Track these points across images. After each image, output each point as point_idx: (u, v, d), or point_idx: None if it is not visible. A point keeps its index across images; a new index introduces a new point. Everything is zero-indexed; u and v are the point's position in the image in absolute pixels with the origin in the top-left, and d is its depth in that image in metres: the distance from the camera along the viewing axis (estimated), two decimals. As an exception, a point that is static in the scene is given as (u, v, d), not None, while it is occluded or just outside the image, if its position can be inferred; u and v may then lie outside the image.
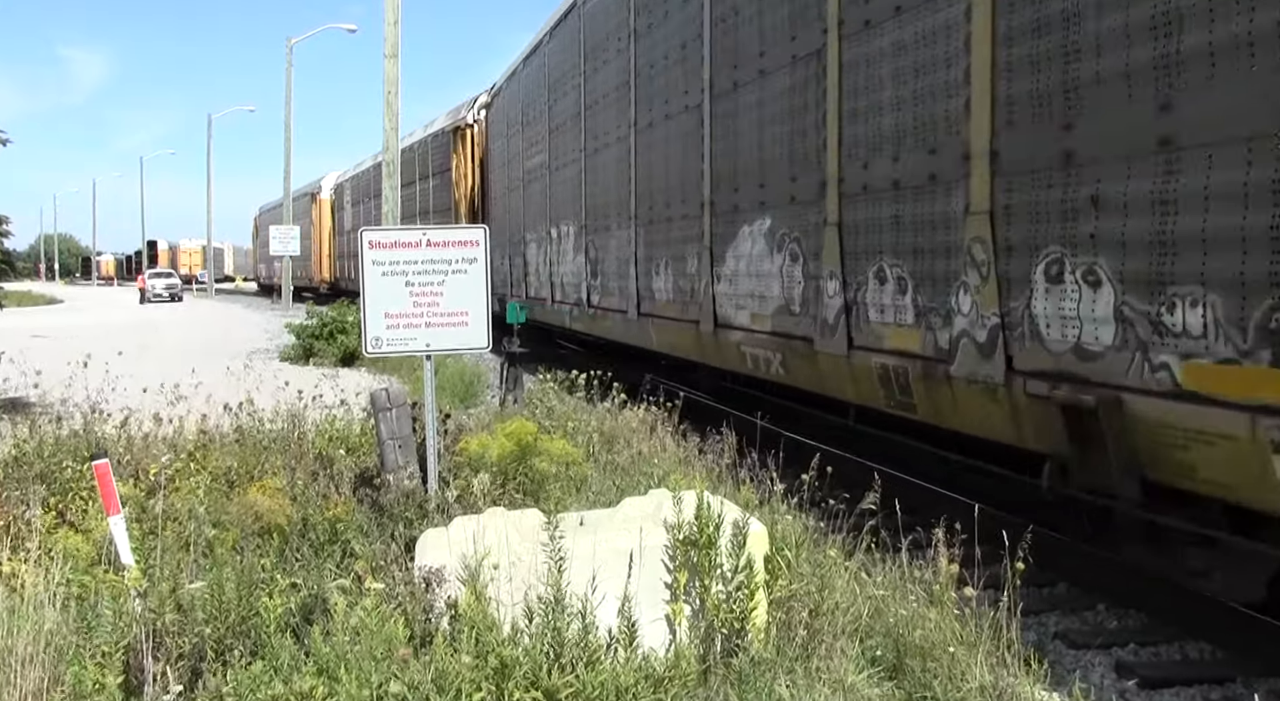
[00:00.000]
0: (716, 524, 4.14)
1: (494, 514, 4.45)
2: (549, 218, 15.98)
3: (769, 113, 8.17)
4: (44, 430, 7.06)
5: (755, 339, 8.48)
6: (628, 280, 11.62)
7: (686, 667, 3.79)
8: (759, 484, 5.76)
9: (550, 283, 16.02)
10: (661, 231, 10.59)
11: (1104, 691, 4.61)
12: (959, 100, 5.65)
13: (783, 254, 8.00)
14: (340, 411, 8.19)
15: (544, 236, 16.38)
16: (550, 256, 15.94)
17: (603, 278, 12.85)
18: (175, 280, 56.74)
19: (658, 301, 10.78)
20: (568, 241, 14.74)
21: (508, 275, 19.92)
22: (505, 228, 19.62)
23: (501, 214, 20.32)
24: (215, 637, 3.83)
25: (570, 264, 14.53)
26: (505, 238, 19.64)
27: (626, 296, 11.72)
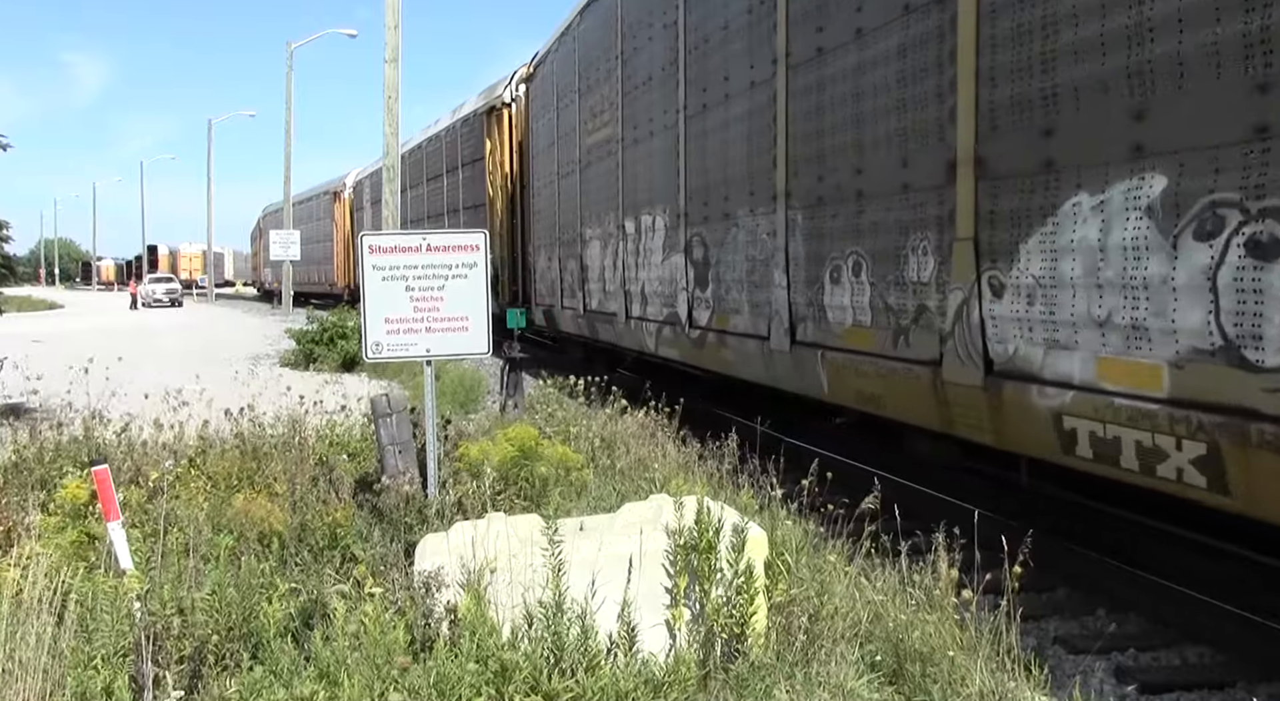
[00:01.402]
0: (716, 529, 4.14)
1: (494, 519, 4.46)
2: (621, 206, 12.28)
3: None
4: (44, 436, 7.07)
5: (1130, 411, 4.48)
6: (769, 289, 8.08)
7: (686, 673, 3.79)
8: (759, 489, 5.77)
9: (625, 292, 12.11)
10: (847, 215, 6.90)
11: (1104, 696, 4.61)
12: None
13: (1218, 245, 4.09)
14: (341, 417, 8.19)
15: (612, 232, 12.62)
16: (622, 257, 12.21)
17: (718, 286, 9.24)
18: (175, 285, 56.75)
19: (835, 324, 7.06)
20: (653, 236, 11.09)
21: (554, 282, 15.83)
22: (550, 223, 16.00)
23: (546, 206, 16.44)
24: (215, 642, 3.83)
25: (659, 267, 10.85)
26: (550, 236, 15.98)
27: (767, 313, 8.10)
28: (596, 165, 13.48)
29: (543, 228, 16.62)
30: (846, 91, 6.97)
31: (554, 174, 15.77)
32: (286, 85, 40.41)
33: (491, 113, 20.19)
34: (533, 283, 17.87)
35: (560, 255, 15.40)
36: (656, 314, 11.02)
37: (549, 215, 16.17)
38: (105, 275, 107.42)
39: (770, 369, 8.24)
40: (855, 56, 6.85)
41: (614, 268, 12.60)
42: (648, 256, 11.33)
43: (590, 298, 13.85)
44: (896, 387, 6.33)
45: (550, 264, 16.09)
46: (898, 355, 6.30)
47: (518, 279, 19.00)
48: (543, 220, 16.67)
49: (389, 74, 17.23)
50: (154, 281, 56.50)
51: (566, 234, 15.00)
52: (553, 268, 15.90)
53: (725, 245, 9.07)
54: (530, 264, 18.04)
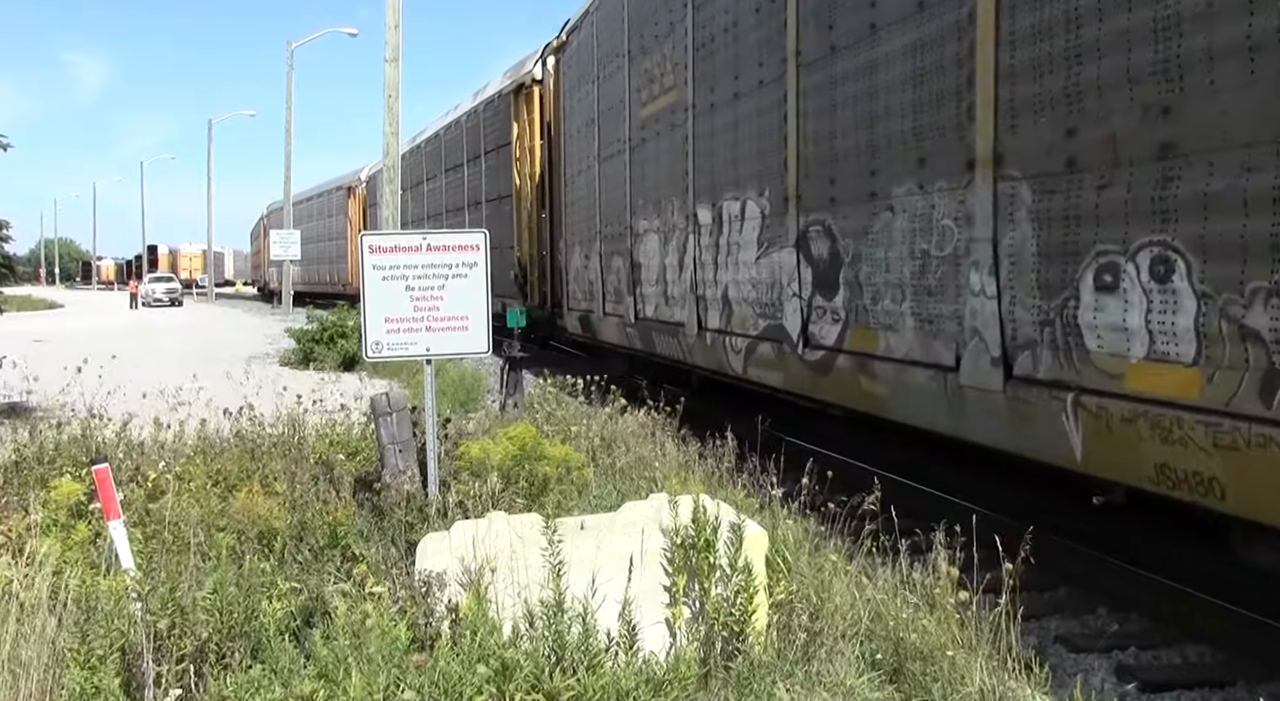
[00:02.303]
0: (715, 527, 4.14)
1: (495, 518, 4.46)
2: (691, 191, 9.83)
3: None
4: (44, 435, 7.07)
5: None
6: (957, 297, 5.81)
7: (686, 671, 3.78)
8: (760, 488, 5.77)
9: (696, 298, 9.79)
10: (1140, 185, 4.50)
11: (1105, 695, 4.61)
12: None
13: None
14: (340, 416, 8.19)
15: (677, 223, 10.26)
16: (693, 254, 9.83)
17: (855, 292, 6.89)
18: (175, 284, 56.71)
19: (1105, 355, 4.75)
20: (741, 227, 8.77)
21: (592, 284, 13.55)
22: (588, 215, 13.80)
23: (582, 196, 14.10)
24: (215, 641, 3.83)
25: (751, 267, 8.56)
26: (587, 230, 13.83)
27: (953, 332, 5.85)
28: (654, 142, 11.03)
29: (578, 220, 14.36)
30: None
31: (593, 157, 13.44)
32: (287, 84, 40.44)
33: (519, 92, 18.00)
34: (564, 284, 15.54)
35: (602, 252, 13.07)
36: (747, 326, 8.63)
37: (586, 206, 13.92)
38: (105, 275, 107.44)
39: (959, 414, 5.82)
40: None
41: (679, 267, 10.23)
42: (732, 253, 8.92)
43: (644, 303, 11.41)
44: (1260, 470, 3.94)
45: (588, 263, 13.75)
46: (1267, 417, 3.89)
47: (548, 279, 17.25)
48: (578, 212, 14.42)
49: (389, 73, 17.23)
50: (154, 281, 56.46)
51: (610, 227, 12.73)
52: (591, 267, 13.56)
53: (869, 236, 6.70)
54: (561, 263, 15.80)
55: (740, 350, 8.82)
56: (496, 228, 19.51)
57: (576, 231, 14.65)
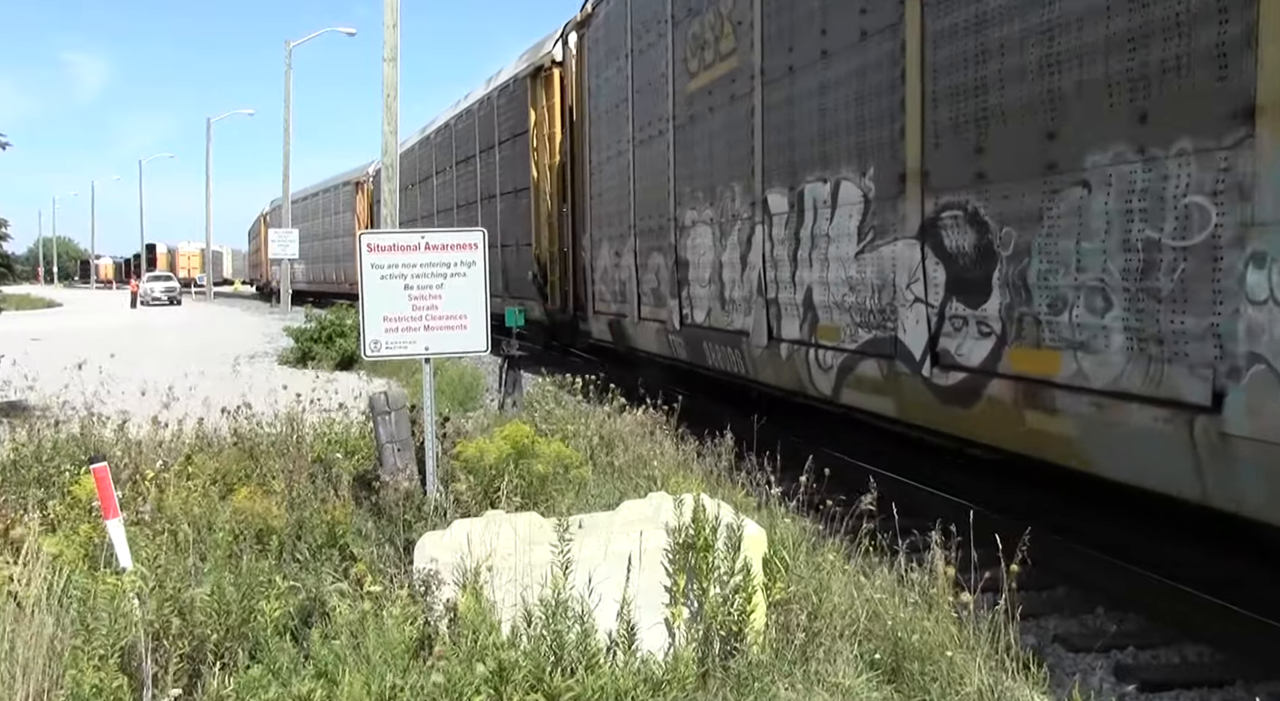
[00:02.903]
0: (714, 527, 4.14)
1: (492, 517, 4.46)
2: (760, 173, 8.32)
3: None
4: (42, 434, 7.06)
5: None
6: (1212, 307, 4.26)
7: (685, 671, 3.78)
8: (757, 486, 5.77)
9: (767, 301, 8.23)
10: None
11: (1103, 695, 4.60)
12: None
13: None
14: (339, 415, 8.18)
15: (739, 212, 8.71)
16: (762, 249, 8.26)
17: (1022, 296, 5.39)
18: (174, 283, 56.63)
19: None
20: (832, 215, 7.21)
21: (624, 285, 12.10)
22: (618, 207, 12.36)
23: (612, 185, 12.63)
24: (214, 640, 3.82)
25: (849, 264, 6.99)
26: (619, 224, 12.25)
27: (1207, 356, 4.27)
28: (705, 119, 9.45)
29: (606, 213, 12.88)
30: None
31: (626, 141, 11.91)
32: (285, 84, 40.43)
33: (537, 76, 16.62)
34: (589, 285, 14.04)
35: (637, 249, 11.57)
36: (841, 338, 7.03)
37: (616, 197, 12.43)
38: (104, 273, 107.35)
39: (1221, 476, 4.20)
40: None
41: (741, 265, 8.67)
42: (819, 247, 7.34)
43: (692, 307, 9.90)
44: None
45: (619, 261, 12.28)
46: None
47: (570, 278, 15.75)
48: (606, 204, 12.94)
49: (388, 73, 17.20)
50: (152, 280, 56.38)
51: (648, 220, 11.17)
52: (623, 266, 12.09)
53: (1046, 222, 5.17)
54: (585, 261, 14.24)
55: (830, 367, 7.15)
56: (512, 224, 18.68)
57: (604, 226, 13.26)
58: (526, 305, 17.40)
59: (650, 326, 11.34)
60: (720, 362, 9.35)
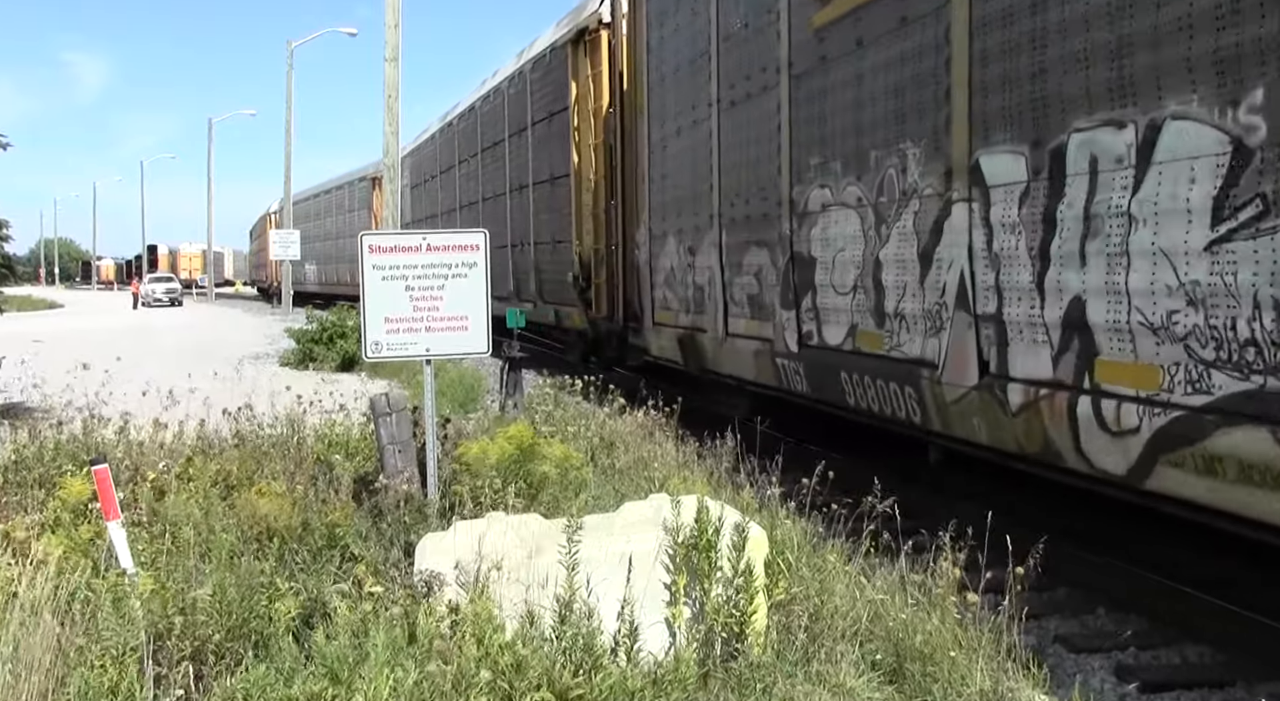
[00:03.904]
0: (716, 528, 4.15)
1: (494, 518, 4.46)
2: (967, 127, 5.77)
3: None
4: (44, 435, 7.07)
5: None
6: None
7: (686, 672, 3.79)
8: (758, 488, 5.77)
9: (976, 318, 5.80)
10: None
11: (1104, 695, 4.61)
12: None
13: None
14: (340, 416, 8.19)
15: (922, 187, 6.27)
16: (969, 240, 5.82)
17: None
18: (175, 284, 56.69)
19: None
20: (1137, 185, 4.64)
21: (702, 290, 9.81)
22: (692, 191, 10.09)
23: (682, 165, 10.37)
24: (216, 641, 3.83)
25: (1186, 261, 4.41)
26: (691, 212, 10.13)
27: None
28: (850, 60, 6.96)
29: (672, 200, 10.72)
30: None
31: (707, 105, 9.54)
32: (287, 84, 40.44)
33: (579, 42, 14.13)
34: (645, 289, 11.73)
35: (723, 243, 9.23)
36: (1161, 385, 4.58)
37: (689, 179, 10.19)
38: (105, 274, 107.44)
39: None
40: None
41: (920, 264, 6.24)
42: (1106, 235, 4.85)
43: (820, 322, 7.54)
44: None
45: (692, 259, 10.06)
46: None
47: (619, 282, 13.22)
48: (673, 188, 10.73)
49: (389, 73, 17.21)
50: (154, 281, 56.44)
51: (742, 205, 8.83)
52: (699, 265, 9.90)
53: None
54: (640, 260, 11.98)
55: (1133, 431, 4.69)
56: (547, 217, 16.43)
57: (670, 216, 10.94)
58: (564, 311, 15.48)
59: (744, 346, 8.83)
60: (873, 404, 6.73)
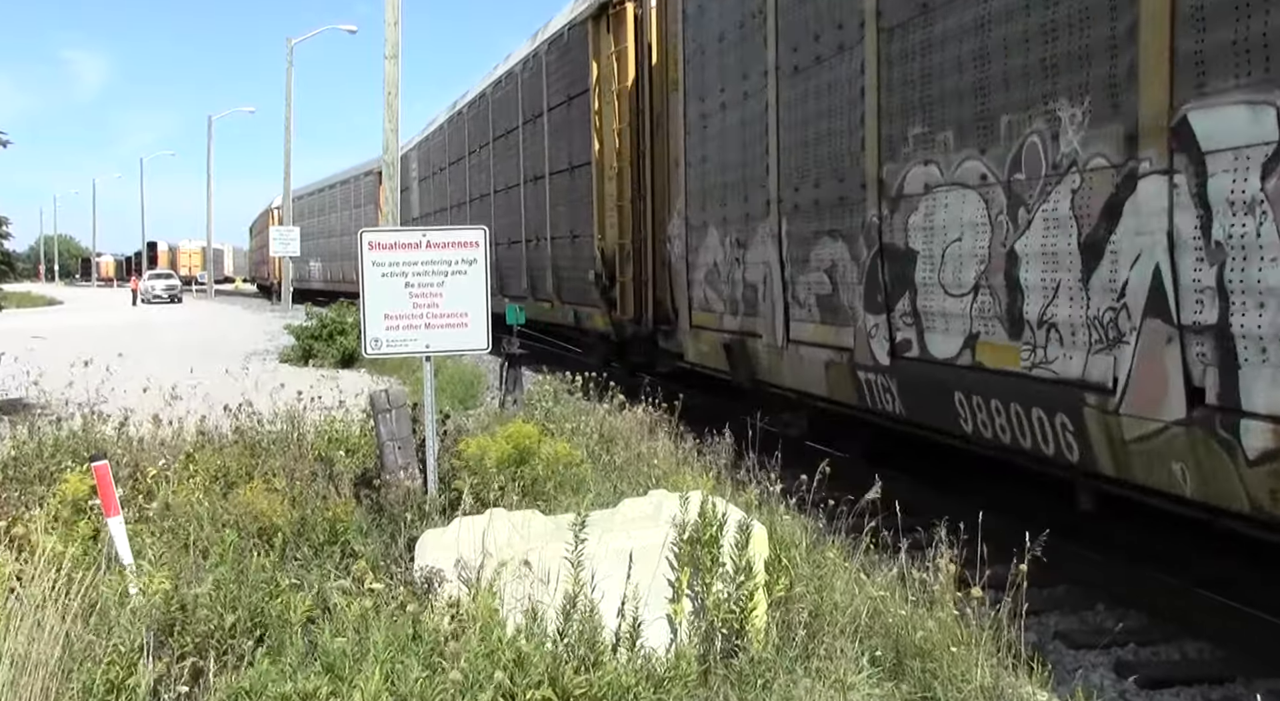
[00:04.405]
0: (720, 524, 4.15)
1: (494, 514, 4.46)
2: (1170, 76, 4.40)
3: None
4: (43, 431, 7.06)
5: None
6: None
7: (687, 668, 3.79)
8: (758, 484, 5.77)
9: (1184, 328, 4.38)
10: None
11: (1104, 691, 4.62)
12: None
13: None
14: (339, 413, 8.19)
15: (1071, 161, 5.04)
16: (1173, 225, 4.42)
17: None
18: (175, 281, 56.65)
19: None
20: None
21: (754, 290, 8.76)
22: (740, 175, 9.00)
23: (731, 145, 9.19)
24: (218, 637, 3.83)
25: None
26: (739, 200, 9.04)
27: None
28: (970, 3, 5.81)
29: (716, 186, 9.59)
30: None
31: (762, 74, 8.40)
32: (287, 81, 40.42)
33: (601, 17, 13.07)
34: (683, 288, 10.54)
35: (784, 234, 8.10)
36: None
37: (736, 161, 9.10)
38: (105, 271, 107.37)
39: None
40: None
41: (1083, 257, 5.06)
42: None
43: (922, 328, 6.34)
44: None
45: (742, 253, 9.02)
46: None
47: (647, 280, 12.13)
48: (716, 172, 9.59)
49: (389, 70, 17.20)
50: (153, 277, 56.39)
51: (812, 189, 7.69)
52: (750, 261, 8.86)
53: None
54: (674, 255, 10.90)
55: None
56: (565, 210, 15.25)
57: (712, 204, 9.76)
58: (584, 312, 14.14)
59: (812, 356, 7.72)
60: (1001, 433, 5.47)
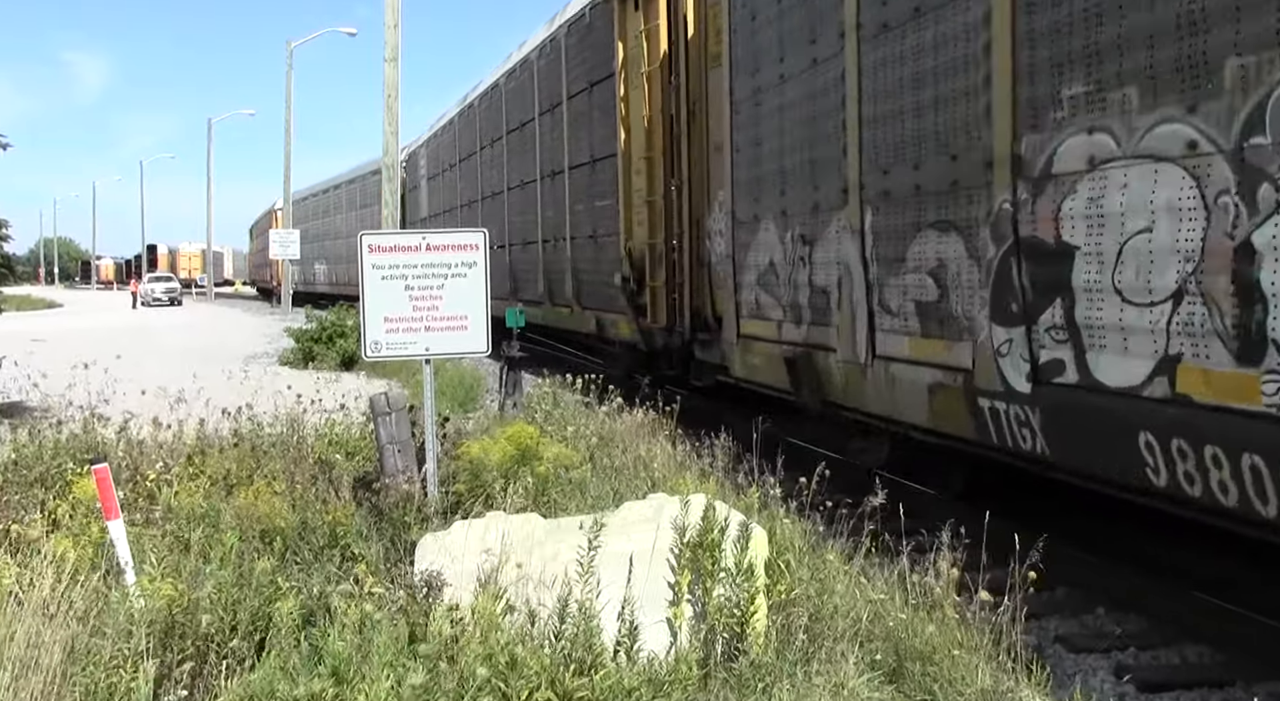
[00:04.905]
0: (721, 527, 4.15)
1: (494, 517, 4.46)
2: None
3: None
4: (44, 434, 7.06)
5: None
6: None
7: (687, 672, 3.79)
8: (758, 487, 5.76)
9: None
10: None
11: (1104, 695, 4.61)
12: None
13: None
14: (339, 416, 8.19)
15: None
16: None
17: None
18: (175, 284, 56.66)
19: None
20: None
21: (825, 295, 7.57)
22: (818, 155, 7.64)
23: (789, 124, 8.07)
24: (219, 640, 3.83)
25: None
26: (811, 188, 7.75)
27: None
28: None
29: (771, 172, 8.44)
30: None
31: (839, 36, 7.21)
32: (286, 84, 40.42)
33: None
34: (726, 290, 9.36)
35: (871, 228, 6.82)
36: None
37: (798, 142, 7.92)
38: (104, 274, 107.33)
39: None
40: None
41: None
42: None
43: (1082, 349, 5.03)
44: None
45: (808, 250, 7.80)
46: None
47: (682, 283, 10.68)
48: (770, 157, 8.45)
49: (389, 73, 17.22)
50: (153, 280, 56.40)
51: (907, 171, 6.40)
52: (820, 260, 7.62)
53: None
54: (711, 252, 9.88)
55: None
56: (587, 207, 13.96)
57: (767, 193, 8.57)
58: (608, 319, 13.10)
59: (910, 376, 6.48)
60: (1223, 494, 4.27)
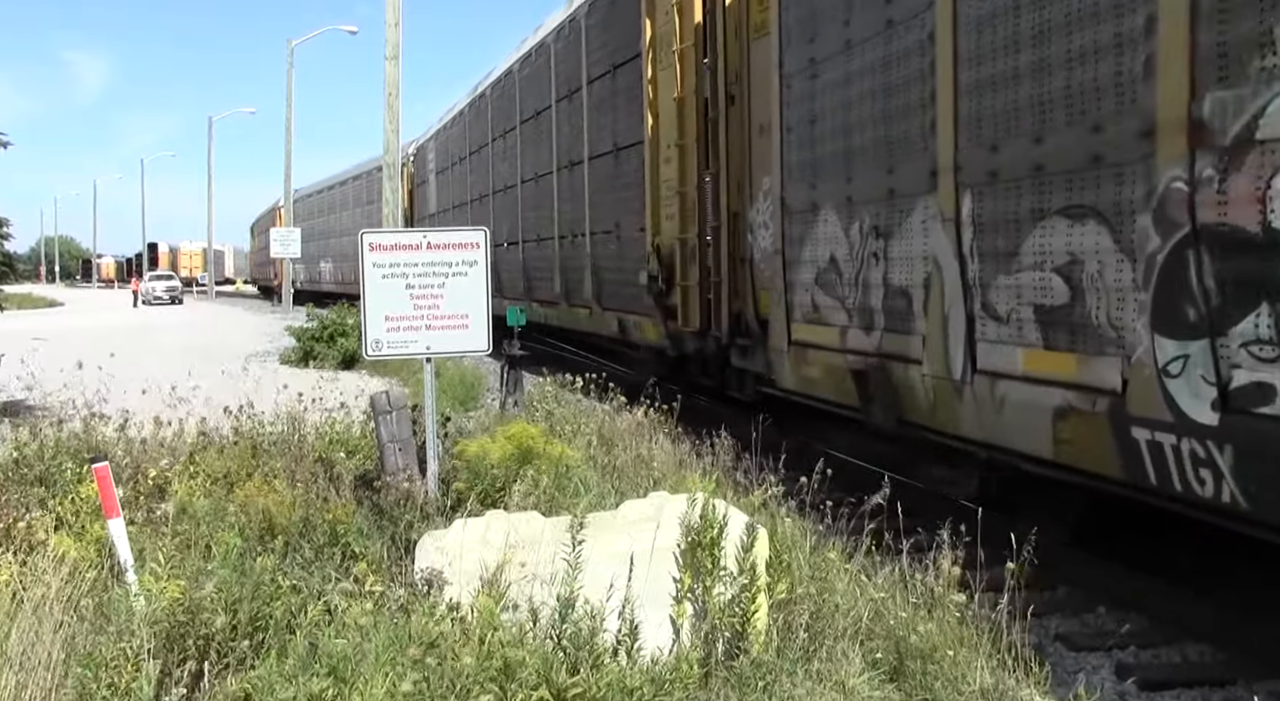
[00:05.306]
0: (722, 526, 4.15)
1: (494, 516, 4.46)
2: None
3: None
4: (44, 433, 7.06)
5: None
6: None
7: (688, 671, 3.78)
8: (759, 485, 5.76)
9: None
10: None
11: (1105, 694, 4.61)
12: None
13: None
14: (340, 414, 8.19)
15: None
16: None
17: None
18: (175, 282, 56.69)
19: None
20: None
21: (907, 297, 6.49)
22: (897, 133, 6.56)
23: (855, 99, 7.07)
24: (220, 639, 3.83)
25: None
26: (885, 173, 6.72)
27: None
28: None
29: (831, 154, 7.52)
30: None
31: None
32: (287, 82, 40.44)
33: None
34: (776, 290, 8.38)
35: (969, 218, 5.82)
36: None
37: (867, 119, 6.98)
38: (105, 273, 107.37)
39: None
40: None
41: None
42: None
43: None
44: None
45: (881, 245, 6.85)
46: None
47: (719, 282, 9.64)
48: (830, 138, 7.52)
49: (389, 71, 17.22)
50: (154, 279, 56.43)
51: (1025, 147, 5.33)
52: (897, 255, 6.67)
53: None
54: (754, 248, 8.97)
55: None
56: (609, 199, 12.95)
57: (826, 179, 7.63)
58: (631, 321, 12.31)
59: (1026, 398, 5.48)
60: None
